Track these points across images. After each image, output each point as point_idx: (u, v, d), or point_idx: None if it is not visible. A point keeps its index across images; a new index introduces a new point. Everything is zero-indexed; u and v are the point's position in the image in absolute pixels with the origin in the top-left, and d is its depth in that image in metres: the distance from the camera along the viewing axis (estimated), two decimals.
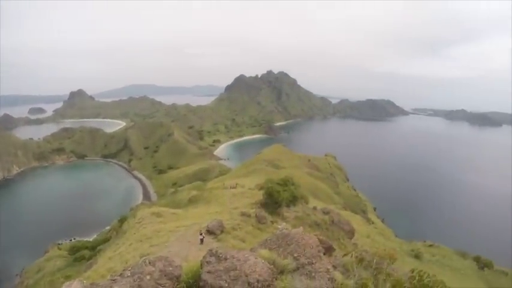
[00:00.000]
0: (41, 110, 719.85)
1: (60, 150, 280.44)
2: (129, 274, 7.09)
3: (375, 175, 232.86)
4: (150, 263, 7.55)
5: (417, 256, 60.44)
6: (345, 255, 10.06)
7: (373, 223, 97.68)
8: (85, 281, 7.21)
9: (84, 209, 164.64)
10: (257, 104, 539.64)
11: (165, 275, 7.34)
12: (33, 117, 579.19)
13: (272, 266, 8.44)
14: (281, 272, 8.65)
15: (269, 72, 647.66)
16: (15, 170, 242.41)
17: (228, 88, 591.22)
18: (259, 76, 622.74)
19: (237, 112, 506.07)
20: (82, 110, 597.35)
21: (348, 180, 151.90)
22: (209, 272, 7.51)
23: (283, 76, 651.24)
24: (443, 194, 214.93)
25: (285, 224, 18.59)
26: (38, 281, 66.37)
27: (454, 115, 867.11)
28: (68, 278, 49.68)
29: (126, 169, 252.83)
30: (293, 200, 43.16)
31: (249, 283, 7.22)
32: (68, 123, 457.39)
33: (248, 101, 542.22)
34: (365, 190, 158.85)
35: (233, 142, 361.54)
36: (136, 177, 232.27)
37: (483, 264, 64.20)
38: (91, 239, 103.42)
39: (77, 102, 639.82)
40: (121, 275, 7.11)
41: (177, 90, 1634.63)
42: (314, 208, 47.22)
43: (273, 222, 36.52)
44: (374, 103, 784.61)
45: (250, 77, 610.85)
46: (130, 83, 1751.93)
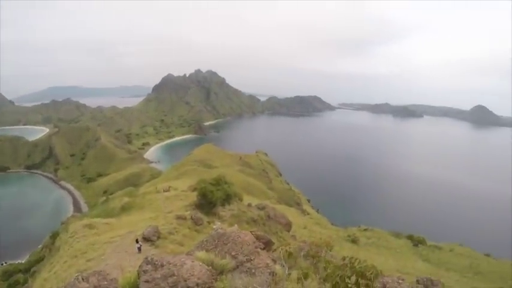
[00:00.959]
0: None
1: None
2: None
3: (307, 168, 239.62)
4: (84, 280, 7.18)
5: (354, 241, 62.93)
6: (283, 247, 10.14)
7: (308, 214, 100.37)
8: None
9: (11, 229, 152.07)
10: (186, 104, 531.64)
11: None
12: None
13: (210, 268, 8.35)
14: (220, 273, 8.59)
15: (197, 71, 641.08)
16: None
17: (156, 88, 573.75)
18: (187, 75, 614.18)
19: (166, 113, 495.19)
20: (0, 117, 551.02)
21: (281, 175, 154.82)
22: (146, 281, 7.29)
23: (211, 75, 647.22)
24: (372, 181, 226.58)
25: (220, 224, 18.51)
26: None
27: (379, 108, 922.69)
28: None
29: (52, 180, 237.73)
30: (227, 199, 43.10)
31: (189, 287, 7.09)
32: None
33: (176, 101, 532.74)
34: (298, 183, 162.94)
35: (163, 144, 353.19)
36: (64, 187, 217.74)
37: (416, 241, 68.37)
38: (24, 261, 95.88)
39: None
40: None
41: (103, 91, 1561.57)
42: (249, 205, 47.58)
43: (210, 222, 36.27)
44: (302, 99, 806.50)
45: (178, 77, 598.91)
46: (52, 85, 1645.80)
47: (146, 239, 29.26)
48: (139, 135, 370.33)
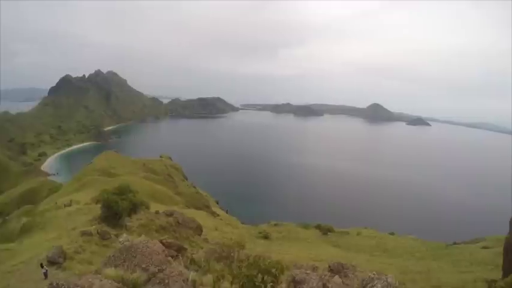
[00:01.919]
0: None
1: None
2: None
3: (213, 170, 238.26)
4: None
5: (266, 237, 64.11)
6: (189, 255, 9.85)
7: (218, 216, 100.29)
8: None
9: None
10: (85, 108, 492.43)
11: None
12: None
13: (121, 284, 7.79)
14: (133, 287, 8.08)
15: (97, 72, 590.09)
16: None
17: (52, 91, 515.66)
18: (86, 76, 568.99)
19: (63, 118, 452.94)
20: None
21: (187, 178, 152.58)
22: None
23: (112, 76, 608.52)
24: (278, 177, 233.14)
25: (126, 236, 17.50)
26: None
27: (281, 108, 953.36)
28: None
29: None
30: (134, 208, 41.18)
31: None
32: None
33: (74, 105, 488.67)
34: (205, 186, 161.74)
35: (61, 153, 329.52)
36: None
37: (325, 230, 71.44)
38: None
39: None
40: None
41: None
42: (157, 212, 46.09)
43: (118, 235, 34.50)
44: (205, 101, 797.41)
45: (76, 78, 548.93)
46: None
47: (51, 262, 26.80)
48: (34, 144, 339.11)
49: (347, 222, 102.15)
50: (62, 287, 7.15)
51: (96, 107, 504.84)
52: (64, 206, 61.39)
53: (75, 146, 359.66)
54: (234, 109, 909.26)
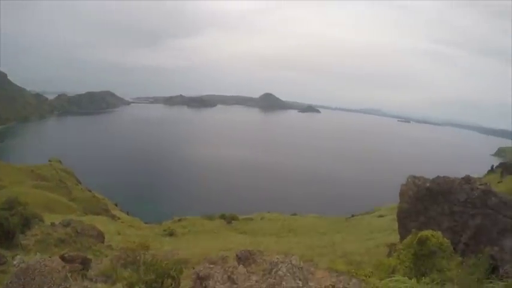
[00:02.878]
0: None
1: None
2: None
3: (108, 170, 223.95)
4: None
5: (171, 234, 62.18)
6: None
7: (119, 219, 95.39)
8: None
9: None
10: None
11: None
12: None
13: None
14: None
15: None
16: None
17: None
18: None
19: None
20: None
21: (80, 182, 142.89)
22: None
23: None
24: (177, 170, 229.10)
25: (20, 257, 15.62)
26: None
27: (173, 100, 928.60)
28: None
29: None
30: (27, 223, 37.44)
31: None
32: None
33: None
34: (101, 188, 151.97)
35: None
36: None
37: (229, 218, 71.79)
38: None
39: None
40: None
41: None
42: (53, 224, 42.40)
43: (13, 256, 31.06)
44: (94, 95, 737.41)
45: None
46: None
47: None
48: None
49: (250, 209, 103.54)
50: None
51: None
52: None
53: None
54: (125, 103, 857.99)
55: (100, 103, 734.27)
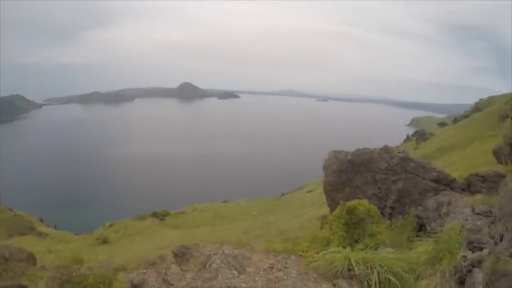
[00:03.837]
0: None
1: None
2: None
3: (28, 185, 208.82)
4: None
5: (105, 241, 59.55)
6: None
7: (47, 235, 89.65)
8: None
9: None
10: None
11: None
12: None
13: None
14: None
15: None
16: None
17: None
18: None
19: None
20: None
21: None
22: None
23: None
24: (102, 173, 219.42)
25: None
26: None
27: (89, 98, 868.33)
28: None
29: None
30: None
31: None
32: None
33: None
34: (22, 205, 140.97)
35: None
36: None
37: (161, 215, 70.17)
38: None
39: None
40: None
41: None
42: None
43: None
44: (1, 101, 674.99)
45: None
46: None
47: None
48: None
49: (181, 202, 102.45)
50: None
51: None
52: None
53: None
54: (37, 106, 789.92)
55: (10, 109, 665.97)
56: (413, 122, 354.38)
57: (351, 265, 6.07)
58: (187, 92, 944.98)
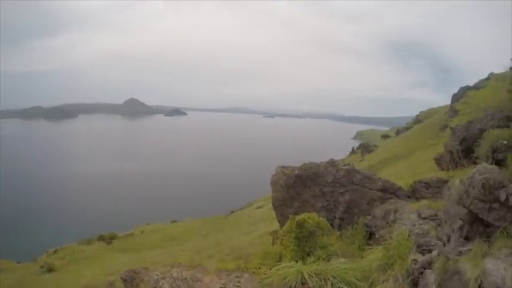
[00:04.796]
0: None
1: None
2: None
3: None
4: None
5: (50, 269, 56.04)
6: None
7: None
8: None
9: None
10: None
11: None
12: None
13: None
14: None
15: None
16: None
17: None
18: None
19: None
20: None
21: None
22: None
23: None
24: (42, 195, 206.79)
25: None
26: None
27: (30, 113, 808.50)
28: None
29: None
30: None
31: None
32: None
33: None
34: None
35: None
36: None
37: (108, 239, 67.02)
38: None
39: None
40: None
41: None
42: None
43: None
44: None
45: None
46: None
47: None
48: None
49: (128, 223, 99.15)
50: None
51: None
52: None
53: None
54: None
55: None
56: (357, 135, 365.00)
57: (304, 279, 6.01)
58: (133, 109, 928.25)
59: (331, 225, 11.95)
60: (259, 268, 8.49)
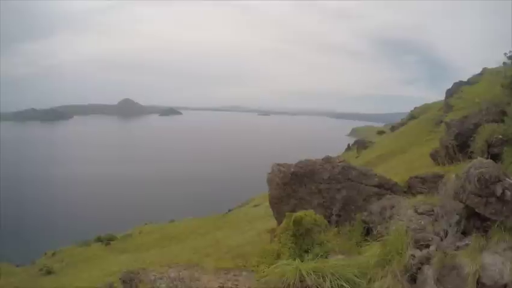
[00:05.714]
0: None
1: None
2: None
3: None
4: None
5: (49, 272, 55.94)
6: None
7: None
8: None
9: None
10: None
11: None
12: None
13: None
14: None
15: None
16: None
17: None
18: None
19: None
20: None
21: None
22: None
23: None
24: (41, 197, 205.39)
25: None
26: None
27: (24, 116, 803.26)
28: None
29: None
30: None
31: None
32: None
33: None
34: None
35: None
36: None
37: (107, 240, 66.90)
38: None
39: None
40: None
41: None
42: None
43: None
44: None
45: None
46: None
47: None
48: None
49: (127, 224, 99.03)
50: None
51: None
52: None
53: None
54: None
55: None
56: (353, 132, 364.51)
57: (302, 276, 6.00)
58: (127, 109, 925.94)
59: (328, 222, 11.95)
60: (257, 266, 8.48)
